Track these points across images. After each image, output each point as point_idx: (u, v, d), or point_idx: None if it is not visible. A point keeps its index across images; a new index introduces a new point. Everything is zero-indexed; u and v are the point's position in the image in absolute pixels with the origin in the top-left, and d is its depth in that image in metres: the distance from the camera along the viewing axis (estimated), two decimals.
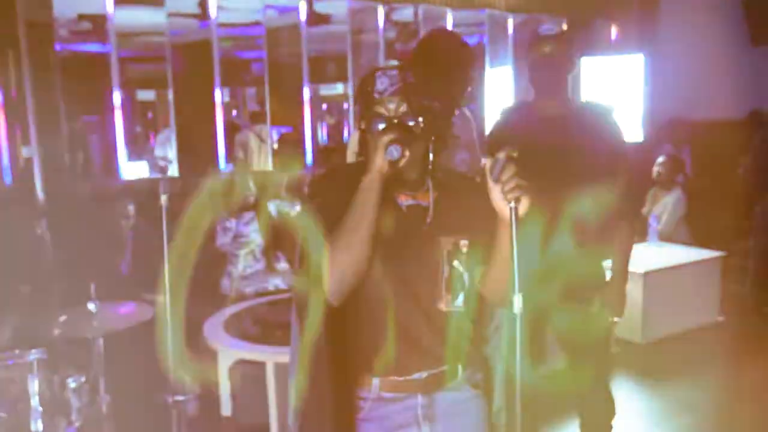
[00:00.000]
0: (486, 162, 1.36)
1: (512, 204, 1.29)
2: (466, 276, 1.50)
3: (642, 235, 4.92)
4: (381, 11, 5.46)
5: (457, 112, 2.42)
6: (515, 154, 1.31)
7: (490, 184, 1.32)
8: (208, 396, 3.33)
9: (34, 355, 1.87)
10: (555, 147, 2.23)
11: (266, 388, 2.94)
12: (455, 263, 1.51)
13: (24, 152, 3.01)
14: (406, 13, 5.68)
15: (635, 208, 2.42)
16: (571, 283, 2.31)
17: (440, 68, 2.27)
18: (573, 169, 2.23)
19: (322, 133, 9.77)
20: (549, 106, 2.32)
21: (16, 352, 1.95)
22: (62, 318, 2.08)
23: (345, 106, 6.41)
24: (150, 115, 9.91)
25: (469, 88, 2.47)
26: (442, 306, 1.50)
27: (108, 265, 3.50)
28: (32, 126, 3.20)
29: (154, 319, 2.35)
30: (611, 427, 2.50)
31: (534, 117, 2.35)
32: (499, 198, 1.31)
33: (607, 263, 2.44)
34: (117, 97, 4.77)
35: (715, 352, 4.23)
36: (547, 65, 2.25)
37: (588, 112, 2.33)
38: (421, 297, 1.48)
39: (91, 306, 2.21)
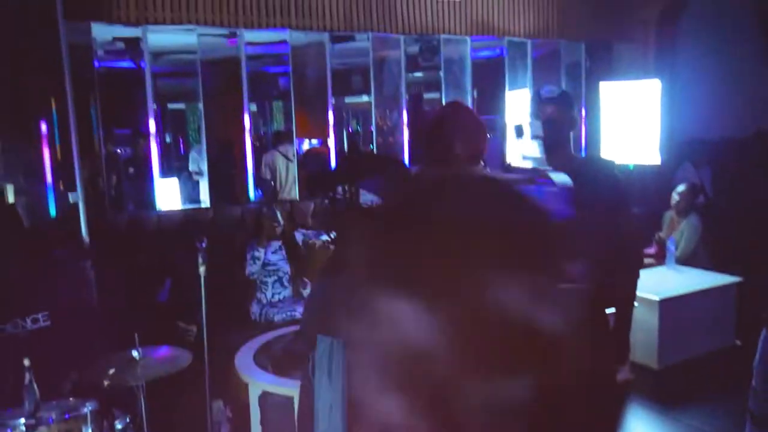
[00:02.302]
0: None
1: None
2: None
3: (660, 259, 5.01)
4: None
5: None
6: None
7: None
8: (241, 422, 3.53)
9: (88, 407, 2.09)
10: None
11: (294, 417, 3.11)
12: None
13: (70, 198, 3.23)
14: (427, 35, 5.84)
15: (638, 259, 2.55)
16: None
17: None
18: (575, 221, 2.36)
19: (349, 141, 9.86)
20: (551, 162, 2.46)
21: (71, 401, 2.18)
22: (111, 370, 2.30)
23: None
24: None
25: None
26: None
27: (147, 296, 3.72)
28: (77, 170, 3.42)
29: (192, 363, 2.55)
30: None
31: None
32: None
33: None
34: (152, 122, 4.96)
35: (730, 378, 4.31)
36: (550, 125, 2.40)
37: (589, 166, 2.46)
38: None
39: (134, 353, 2.42)
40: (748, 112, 5.70)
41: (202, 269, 2.10)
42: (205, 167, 5.40)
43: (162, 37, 5.00)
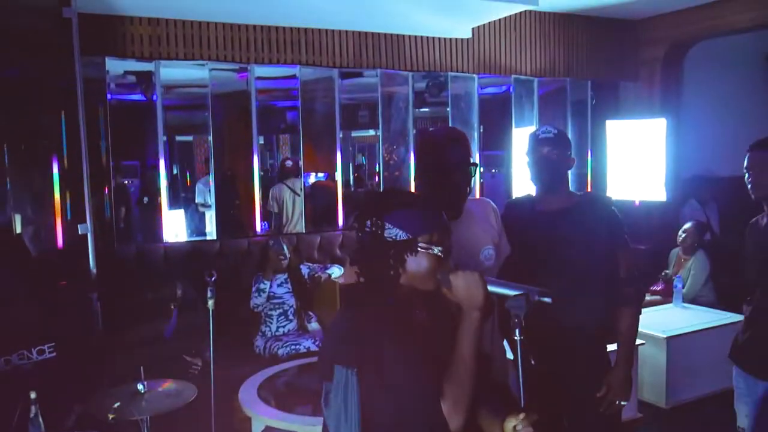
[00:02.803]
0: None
1: None
2: None
3: (667, 297, 4.99)
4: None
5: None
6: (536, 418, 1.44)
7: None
8: None
9: None
10: (556, 239, 2.42)
11: None
12: None
13: (80, 229, 3.25)
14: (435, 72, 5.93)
15: (638, 294, 2.57)
16: (577, 368, 2.45)
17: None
18: (575, 259, 2.39)
19: (354, 174, 9.90)
20: (550, 201, 2.50)
21: None
22: (116, 404, 2.29)
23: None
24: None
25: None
26: None
27: (153, 329, 3.72)
28: (88, 201, 3.45)
29: (197, 397, 2.53)
30: None
31: (535, 211, 2.52)
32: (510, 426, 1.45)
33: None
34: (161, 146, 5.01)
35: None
36: (547, 164, 2.44)
37: (587, 204, 2.50)
38: None
39: (139, 386, 2.41)
40: None
41: (210, 303, 2.10)
42: (211, 199, 5.44)
43: (174, 71, 5.09)
